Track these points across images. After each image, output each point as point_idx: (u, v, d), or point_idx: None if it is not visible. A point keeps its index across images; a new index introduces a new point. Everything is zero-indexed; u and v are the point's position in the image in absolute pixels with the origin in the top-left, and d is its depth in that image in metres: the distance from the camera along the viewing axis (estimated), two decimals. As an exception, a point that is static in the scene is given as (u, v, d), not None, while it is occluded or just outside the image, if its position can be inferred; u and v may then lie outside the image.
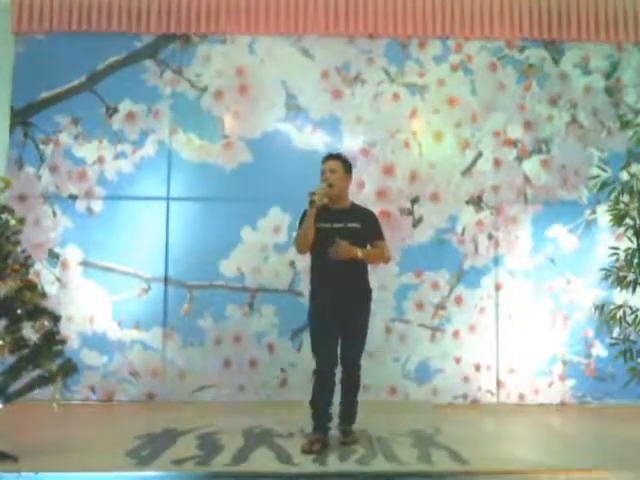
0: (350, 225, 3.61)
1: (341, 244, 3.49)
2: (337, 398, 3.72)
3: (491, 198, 5.10)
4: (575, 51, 5.24)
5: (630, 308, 4.28)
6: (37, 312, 3.31)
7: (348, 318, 3.61)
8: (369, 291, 3.76)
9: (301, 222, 3.66)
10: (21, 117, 5.03)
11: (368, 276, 3.75)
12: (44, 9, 5.03)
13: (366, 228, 3.67)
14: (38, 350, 3.27)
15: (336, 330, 3.61)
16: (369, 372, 3.86)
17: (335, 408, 3.72)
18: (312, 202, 3.51)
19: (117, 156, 5.04)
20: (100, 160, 5.03)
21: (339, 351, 3.66)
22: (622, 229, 4.40)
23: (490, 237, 5.08)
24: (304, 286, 4.91)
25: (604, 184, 4.56)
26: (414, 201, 5.07)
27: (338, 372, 3.67)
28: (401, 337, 4.98)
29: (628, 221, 4.34)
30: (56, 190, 5.00)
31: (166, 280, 4.96)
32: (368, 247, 3.70)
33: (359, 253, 3.54)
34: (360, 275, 3.66)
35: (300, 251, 3.72)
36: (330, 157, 3.75)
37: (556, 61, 5.23)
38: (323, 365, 3.59)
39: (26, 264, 3.46)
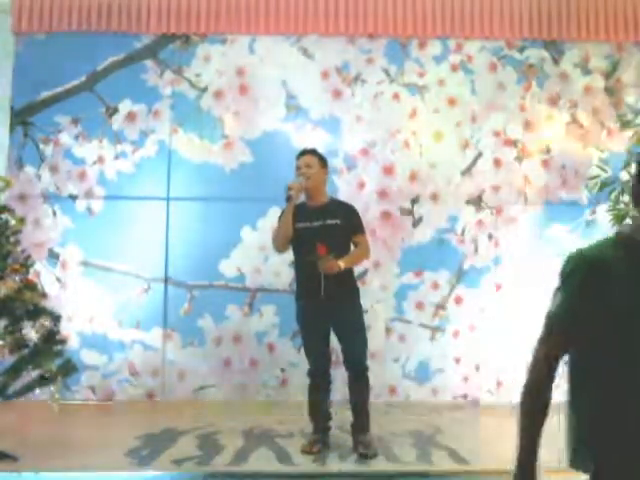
0: (329, 222, 3.53)
1: (324, 261, 3.37)
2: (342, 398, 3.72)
3: (491, 198, 5.10)
4: (575, 51, 5.24)
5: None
6: (37, 312, 3.32)
7: (337, 318, 3.56)
8: (355, 289, 3.66)
9: (280, 220, 3.62)
10: (21, 117, 5.03)
11: (353, 274, 3.68)
12: (44, 9, 5.03)
13: (346, 223, 3.57)
14: (38, 350, 3.27)
15: (326, 330, 3.59)
16: (369, 372, 3.85)
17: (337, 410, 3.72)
18: (289, 197, 3.47)
19: (117, 156, 5.03)
20: (100, 160, 5.03)
21: (341, 354, 3.64)
22: (622, 229, 4.40)
23: (490, 237, 5.08)
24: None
25: (604, 184, 4.57)
26: (414, 201, 5.07)
27: (340, 374, 3.67)
28: (401, 337, 4.98)
29: (628, 221, 4.34)
30: (56, 190, 5.00)
31: (166, 280, 4.96)
32: (352, 247, 3.62)
33: (342, 265, 3.43)
34: (344, 273, 3.52)
35: (278, 250, 3.68)
36: (304, 152, 3.72)
37: (556, 61, 5.23)
38: (315, 366, 3.59)
39: (26, 264, 3.47)
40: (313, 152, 3.73)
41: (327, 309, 3.50)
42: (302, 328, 3.67)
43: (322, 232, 3.50)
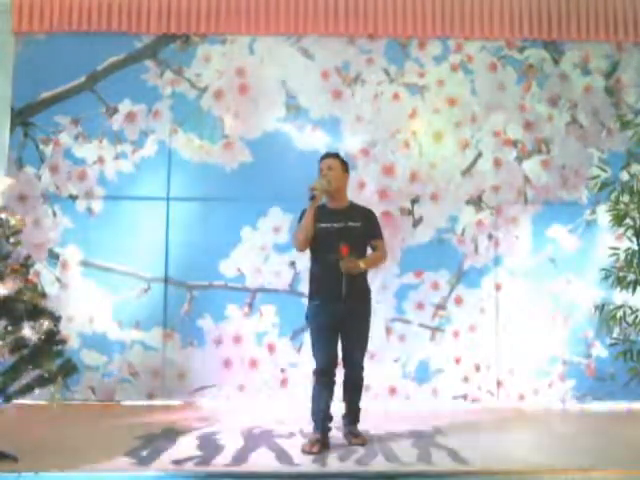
0: (351, 224, 3.62)
1: (346, 261, 3.48)
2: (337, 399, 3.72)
3: (491, 198, 5.10)
4: (575, 51, 5.24)
5: (630, 308, 4.29)
6: (37, 312, 3.31)
7: (348, 318, 3.61)
8: (368, 291, 3.76)
9: (300, 219, 3.68)
10: (21, 117, 5.03)
11: (367, 276, 3.75)
12: (44, 9, 5.03)
13: (366, 227, 3.68)
14: (38, 350, 3.27)
15: (336, 330, 3.62)
16: (369, 372, 3.86)
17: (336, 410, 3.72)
18: (313, 197, 3.54)
19: (117, 156, 5.04)
20: (100, 160, 5.03)
21: (341, 352, 3.67)
22: (622, 229, 4.41)
23: (490, 237, 5.08)
24: (304, 286, 4.90)
25: (604, 184, 4.57)
26: (414, 201, 5.08)
27: (339, 373, 3.68)
28: (401, 337, 4.98)
29: (628, 221, 4.35)
30: (56, 190, 5.00)
31: (166, 280, 4.96)
32: (369, 250, 3.73)
33: (362, 265, 3.57)
34: (359, 275, 3.64)
35: (298, 248, 3.72)
36: (327, 155, 3.79)
37: (556, 61, 5.24)
38: (323, 365, 3.59)
39: (26, 264, 3.46)
40: (336, 156, 3.80)
41: (343, 309, 3.55)
42: (314, 327, 3.68)
43: (343, 234, 3.57)
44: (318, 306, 3.65)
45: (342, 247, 3.48)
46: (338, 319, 3.58)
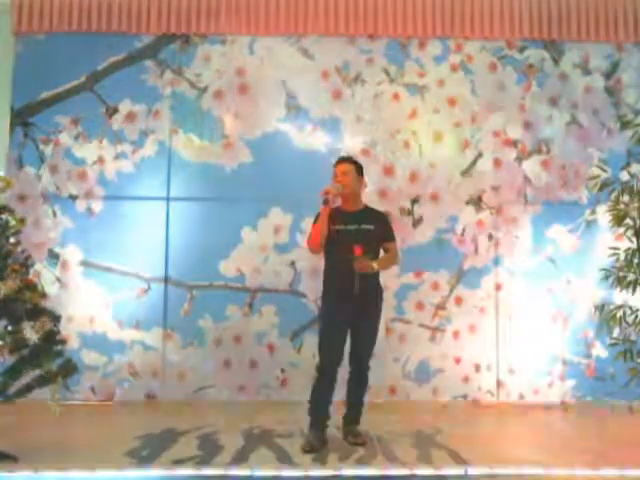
0: (364, 227, 3.68)
1: (360, 261, 3.53)
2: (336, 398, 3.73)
3: (491, 198, 5.10)
4: (575, 51, 5.24)
5: (630, 308, 4.28)
6: (37, 312, 3.31)
7: (360, 318, 3.65)
8: (381, 291, 3.80)
9: (315, 222, 3.72)
10: (21, 117, 5.03)
11: (379, 276, 3.78)
12: (44, 9, 5.03)
13: (379, 230, 3.74)
14: (38, 350, 3.27)
15: (346, 329, 3.66)
16: (369, 372, 3.86)
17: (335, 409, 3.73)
18: (326, 201, 3.60)
19: (117, 156, 5.04)
20: (100, 160, 5.03)
21: (349, 350, 3.69)
22: (622, 229, 4.40)
23: (490, 237, 5.08)
24: (304, 286, 4.92)
25: (604, 184, 4.56)
26: (414, 201, 5.08)
27: (344, 372, 3.69)
28: (401, 337, 4.98)
29: (628, 221, 4.34)
30: (56, 190, 5.00)
31: (166, 280, 4.96)
32: (381, 252, 3.77)
33: (375, 266, 3.62)
34: (372, 275, 3.68)
35: (313, 250, 3.78)
36: (342, 160, 3.85)
37: (556, 61, 5.24)
38: (327, 363, 3.62)
39: (26, 264, 3.46)
40: (350, 160, 3.87)
41: (355, 308, 3.59)
42: (324, 325, 3.72)
43: (357, 235, 3.63)
44: (330, 305, 3.69)
45: (356, 247, 3.54)
46: (350, 318, 3.63)
